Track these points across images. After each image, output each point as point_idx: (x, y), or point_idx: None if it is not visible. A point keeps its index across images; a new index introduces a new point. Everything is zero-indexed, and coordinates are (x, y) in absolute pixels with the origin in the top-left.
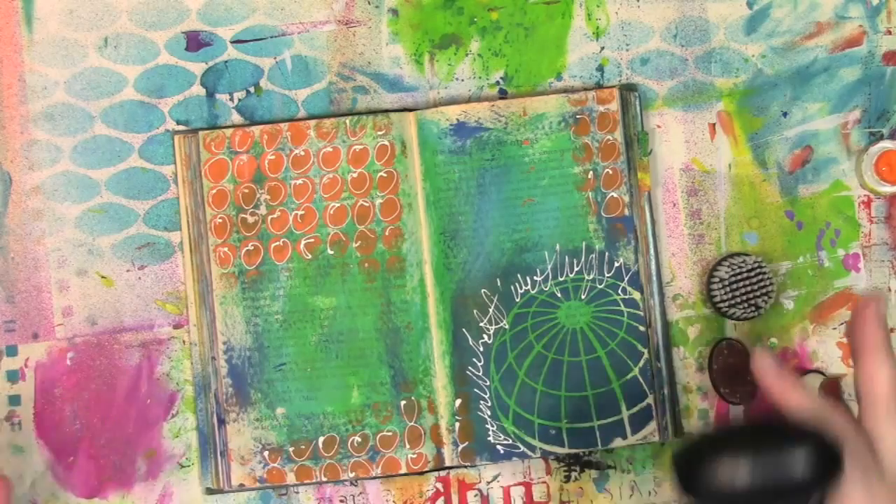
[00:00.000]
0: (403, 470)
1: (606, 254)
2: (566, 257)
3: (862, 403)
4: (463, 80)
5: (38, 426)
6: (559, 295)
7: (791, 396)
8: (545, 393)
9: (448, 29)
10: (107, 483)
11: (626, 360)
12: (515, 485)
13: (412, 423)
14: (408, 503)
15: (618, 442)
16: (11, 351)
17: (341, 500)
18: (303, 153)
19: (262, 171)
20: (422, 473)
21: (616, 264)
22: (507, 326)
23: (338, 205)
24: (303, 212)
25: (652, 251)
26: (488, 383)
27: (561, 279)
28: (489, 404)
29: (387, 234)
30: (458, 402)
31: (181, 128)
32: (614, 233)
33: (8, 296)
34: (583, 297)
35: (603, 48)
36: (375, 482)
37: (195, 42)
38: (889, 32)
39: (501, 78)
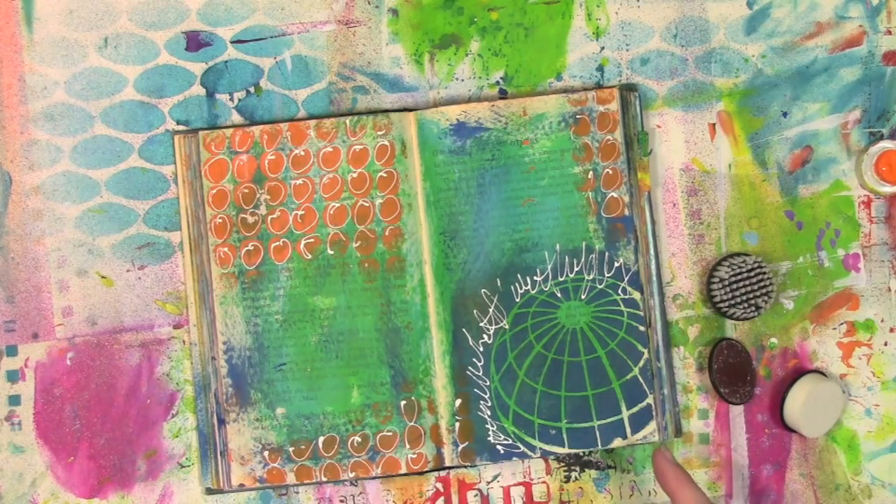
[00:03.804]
0: (403, 470)
1: (606, 254)
2: (566, 257)
3: None
4: (463, 80)
5: (38, 426)
6: (559, 295)
7: (682, 491)
8: (545, 393)
9: (448, 29)
10: (107, 483)
11: (626, 360)
12: (515, 485)
13: (412, 423)
14: (408, 503)
15: (618, 442)
16: (11, 351)
17: (341, 500)
18: (303, 153)
19: (262, 171)
20: (422, 473)
21: (616, 264)
22: (507, 326)
23: (338, 205)
24: (303, 212)
25: (652, 251)
26: (488, 383)
27: (561, 279)
28: (489, 404)
29: (387, 234)
30: (458, 402)
31: (181, 128)
32: (614, 233)
33: (8, 296)
34: (583, 297)
35: (603, 48)
36: (375, 482)
37: (195, 42)
38: (889, 32)
39: (501, 78)
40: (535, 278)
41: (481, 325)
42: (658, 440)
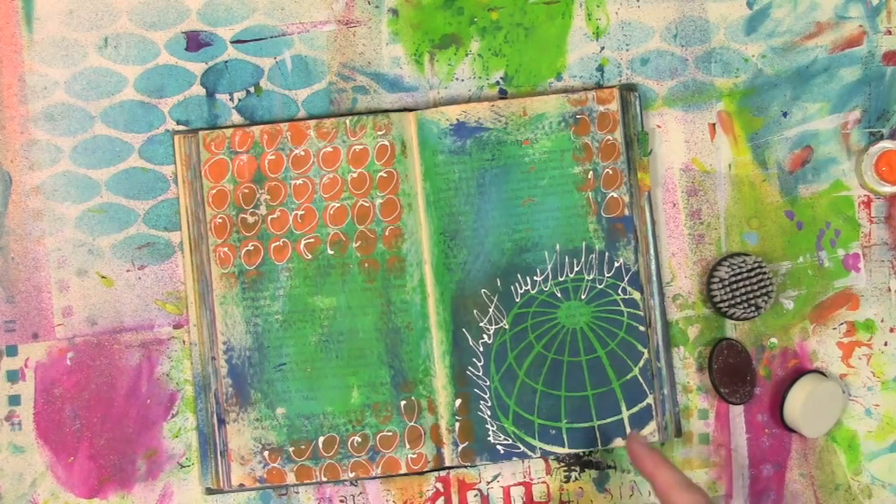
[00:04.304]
0: (403, 470)
1: (606, 254)
2: (566, 257)
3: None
4: (463, 80)
5: (38, 426)
6: (559, 295)
7: (661, 472)
8: (545, 393)
9: (448, 29)
10: (107, 483)
11: (626, 360)
12: (515, 485)
13: (412, 423)
14: (408, 503)
15: (618, 442)
16: (11, 351)
17: (341, 500)
18: (303, 153)
19: (262, 171)
20: (422, 473)
21: (616, 264)
22: (507, 326)
23: (338, 205)
24: (303, 212)
25: (652, 251)
26: (488, 383)
27: (561, 279)
28: (489, 404)
29: (387, 234)
30: (458, 402)
31: (181, 128)
32: (614, 233)
33: (8, 296)
34: (583, 297)
35: (603, 48)
36: (375, 482)
37: (195, 42)
38: (889, 32)
39: (501, 78)
40: (535, 278)
41: (481, 325)
42: (658, 440)
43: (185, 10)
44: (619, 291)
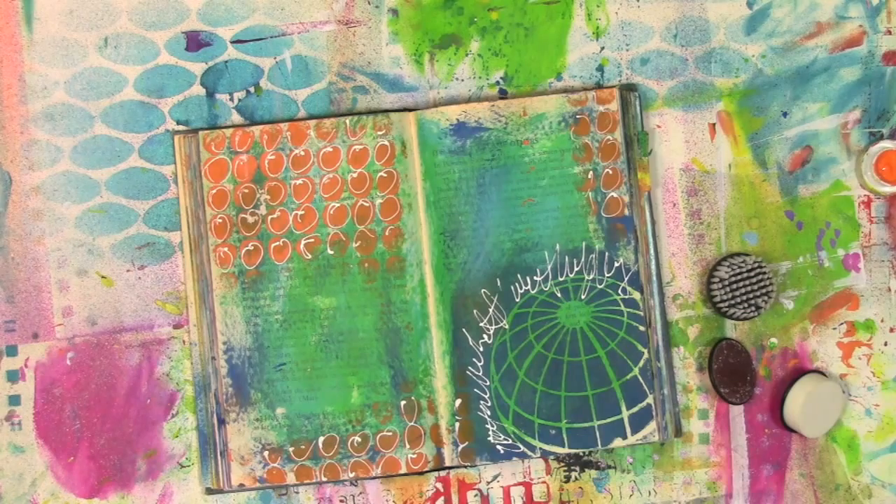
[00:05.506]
0: (403, 470)
1: (606, 254)
2: (566, 257)
3: None
4: (463, 80)
5: (38, 426)
6: (559, 295)
7: None
8: (545, 393)
9: (448, 29)
10: (107, 483)
11: (626, 360)
12: (515, 485)
13: (412, 423)
14: (408, 503)
15: (618, 442)
16: (11, 351)
17: (341, 500)
18: (303, 153)
19: (262, 171)
20: (422, 473)
21: (616, 264)
22: (507, 326)
23: (338, 205)
24: (303, 212)
25: (652, 251)
26: (488, 383)
27: (561, 279)
28: (489, 404)
29: (387, 234)
30: (458, 402)
31: (181, 128)
32: (614, 233)
33: (8, 296)
34: (583, 297)
35: (603, 48)
36: (375, 482)
37: (195, 42)
38: (889, 32)
39: (501, 78)
40: (535, 278)
41: (481, 325)
42: (658, 440)
43: (185, 10)
44: (619, 291)
